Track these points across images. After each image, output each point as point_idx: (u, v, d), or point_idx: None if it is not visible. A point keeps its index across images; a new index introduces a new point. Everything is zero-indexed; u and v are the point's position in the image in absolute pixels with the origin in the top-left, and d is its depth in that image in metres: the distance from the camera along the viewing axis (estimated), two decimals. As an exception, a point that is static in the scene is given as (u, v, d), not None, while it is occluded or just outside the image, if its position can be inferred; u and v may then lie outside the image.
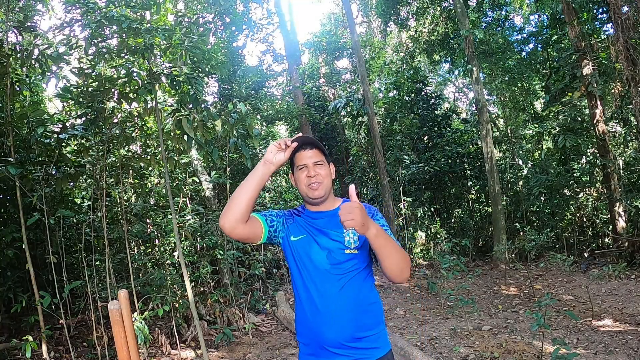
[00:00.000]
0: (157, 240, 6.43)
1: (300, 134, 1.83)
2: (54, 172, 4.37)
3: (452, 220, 12.19)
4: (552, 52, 11.68)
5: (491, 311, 5.97)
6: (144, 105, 4.49)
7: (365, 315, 1.68)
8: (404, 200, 10.51)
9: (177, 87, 4.10)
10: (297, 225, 1.79)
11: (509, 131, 12.35)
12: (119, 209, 5.21)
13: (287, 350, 4.91)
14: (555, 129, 9.49)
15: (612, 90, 8.71)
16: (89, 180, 5.43)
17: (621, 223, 8.36)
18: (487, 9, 12.59)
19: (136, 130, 4.90)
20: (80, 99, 4.41)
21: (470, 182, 11.87)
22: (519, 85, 13.04)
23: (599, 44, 8.54)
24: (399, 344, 4.12)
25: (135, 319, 4.11)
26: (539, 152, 11.78)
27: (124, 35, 3.87)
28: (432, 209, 11.07)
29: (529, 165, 11.94)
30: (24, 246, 4.06)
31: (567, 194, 10.35)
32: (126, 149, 5.40)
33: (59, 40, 4.39)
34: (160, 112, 4.30)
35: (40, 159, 4.32)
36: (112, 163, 5.18)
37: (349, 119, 12.44)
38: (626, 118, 8.88)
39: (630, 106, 7.84)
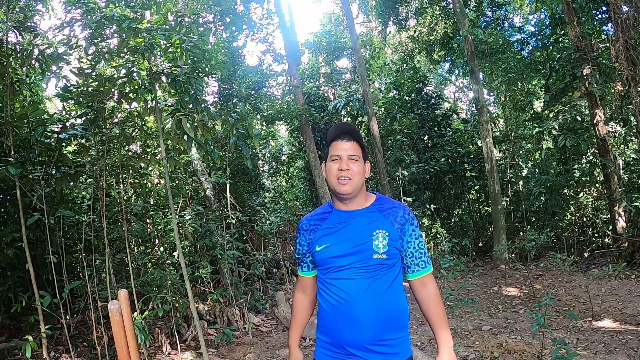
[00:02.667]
0: (157, 240, 6.43)
1: (343, 123, 1.76)
2: (54, 172, 4.37)
3: (452, 220, 12.19)
4: (552, 52, 11.68)
5: (491, 311, 5.97)
6: (144, 105, 4.48)
7: (387, 320, 1.62)
8: (404, 200, 10.50)
9: (177, 87, 4.09)
10: (322, 233, 1.71)
11: (509, 131, 12.34)
12: (119, 208, 5.21)
13: (287, 350, 4.91)
14: (555, 129, 9.49)
15: (612, 90, 8.70)
16: (89, 180, 5.43)
17: (621, 223, 8.35)
18: (486, 9, 12.59)
19: (136, 130, 4.90)
20: (80, 99, 4.41)
21: (470, 182, 11.87)
22: (519, 85, 13.03)
23: (599, 44, 8.53)
24: (399, 344, 4.11)
25: (135, 319, 4.11)
26: (539, 152, 11.77)
27: (124, 35, 3.87)
28: (432, 209, 11.07)
29: (529, 165, 11.94)
30: (24, 246, 4.05)
31: (567, 194, 10.34)
32: (126, 148, 5.40)
33: (59, 40, 4.39)
34: (160, 112, 4.30)
35: (40, 159, 4.31)
36: (112, 163, 5.18)
37: (349, 119, 12.43)
38: (626, 118, 8.87)
39: (630, 106, 7.84)
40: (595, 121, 8.51)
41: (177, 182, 6.97)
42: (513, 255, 9.41)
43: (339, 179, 1.63)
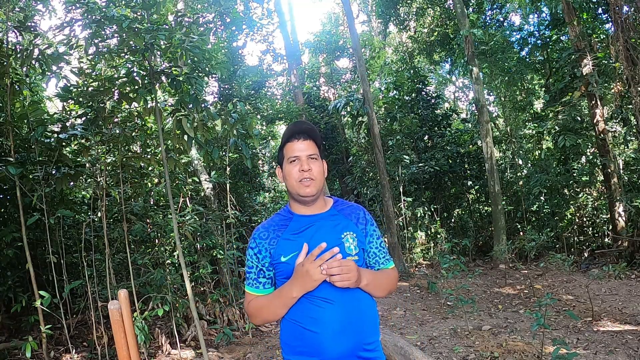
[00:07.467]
0: (157, 240, 6.43)
1: (298, 121, 1.66)
2: (54, 172, 4.37)
3: (452, 220, 12.20)
4: (552, 52, 11.69)
5: (491, 311, 5.97)
6: (144, 105, 4.49)
7: (371, 321, 1.58)
8: (404, 200, 10.50)
9: (177, 87, 4.10)
10: (286, 241, 1.57)
11: (509, 131, 12.35)
12: (119, 208, 5.21)
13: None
14: (555, 129, 9.50)
15: (612, 90, 8.71)
16: (89, 180, 5.43)
17: (621, 223, 8.36)
18: (487, 9, 12.60)
19: (136, 130, 4.90)
20: (80, 99, 4.41)
21: (470, 182, 11.88)
22: (519, 85, 13.04)
23: (599, 44, 8.54)
24: (399, 343, 4.12)
25: (135, 319, 4.11)
26: (539, 152, 11.78)
27: (124, 35, 3.87)
28: (432, 209, 11.07)
29: (529, 165, 11.94)
30: (24, 246, 4.06)
31: (567, 193, 10.35)
32: (126, 148, 5.40)
33: (59, 40, 4.39)
34: (160, 112, 4.30)
35: (40, 159, 4.31)
36: (112, 163, 5.18)
37: (349, 119, 12.43)
38: (626, 118, 8.88)
39: (630, 106, 7.84)
40: (595, 121, 8.52)
41: (177, 182, 6.97)
42: (513, 255, 9.41)
43: (302, 181, 1.55)
